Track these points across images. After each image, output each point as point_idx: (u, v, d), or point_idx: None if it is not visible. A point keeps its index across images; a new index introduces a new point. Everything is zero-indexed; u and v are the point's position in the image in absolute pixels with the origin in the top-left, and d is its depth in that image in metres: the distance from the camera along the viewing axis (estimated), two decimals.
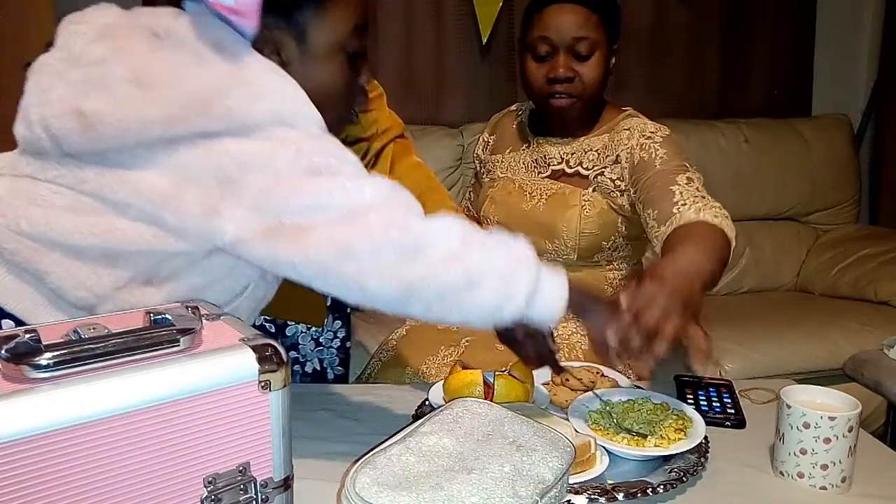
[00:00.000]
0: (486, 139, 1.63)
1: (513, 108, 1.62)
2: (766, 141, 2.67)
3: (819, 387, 0.97)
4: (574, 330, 1.41)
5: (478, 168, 1.65)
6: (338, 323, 1.53)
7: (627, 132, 1.39)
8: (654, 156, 1.32)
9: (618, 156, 1.38)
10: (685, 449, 0.92)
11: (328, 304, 1.49)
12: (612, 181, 1.39)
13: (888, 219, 2.83)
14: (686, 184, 1.24)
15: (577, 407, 1.01)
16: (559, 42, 1.36)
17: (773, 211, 2.70)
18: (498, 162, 1.55)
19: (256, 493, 0.73)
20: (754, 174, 2.64)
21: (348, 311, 1.55)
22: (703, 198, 1.22)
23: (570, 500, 0.82)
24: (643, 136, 1.35)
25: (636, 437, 0.94)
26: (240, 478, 0.72)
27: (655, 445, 0.93)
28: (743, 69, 2.84)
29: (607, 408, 1.00)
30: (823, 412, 0.88)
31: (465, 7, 2.61)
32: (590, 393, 1.05)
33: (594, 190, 1.41)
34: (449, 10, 2.63)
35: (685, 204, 1.20)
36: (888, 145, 2.84)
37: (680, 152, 1.34)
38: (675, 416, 0.97)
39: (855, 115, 2.91)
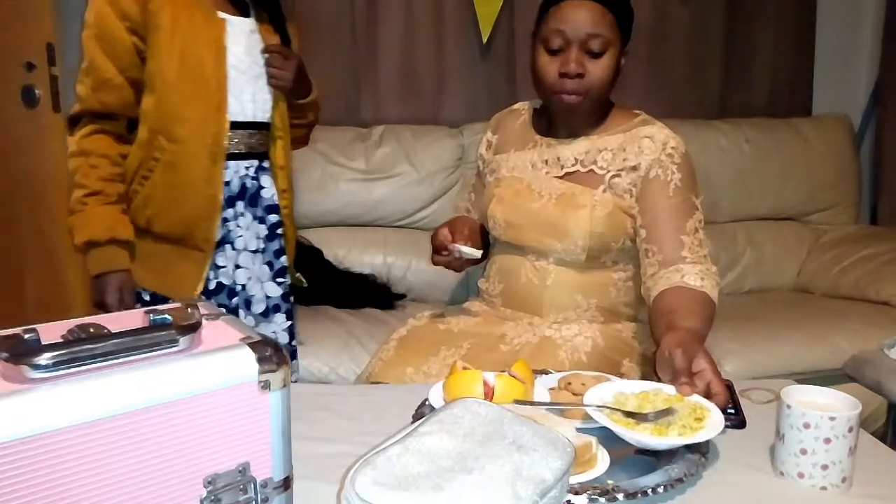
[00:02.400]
0: (489, 138, 1.61)
1: (515, 107, 1.60)
2: (767, 141, 2.67)
3: (819, 387, 0.97)
4: (578, 332, 1.41)
5: (481, 167, 1.63)
6: (249, 319, 1.57)
7: (648, 140, 1.39)
8: (669, 178, 1.37)
9: (638, 164, 1.38)
10: (711, 436, 0.92)
11: (211, 288, 1.50)
12: (626, 185, 1.39)
13: (888, 219, 2.83)
14: (693, 234, 1.35)
15: (590, 398, 1.00)
16: (573, 36, 1.35)
17: (773, 211, 2.70)
18: (503, 161, 1.53)
19: (256, 494, 0.73)
20: (755, 174, 2.64)
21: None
22: (705, 257, 1.35)
23: (569, 501, 0.82)
24: (664, 152, 1.38)
25: (658, 427, 0.93)
26: (239, 478, 0.72)
27: (679, 435, 0.92)
28: (744, 69, 2.84)
29: (622, 399, 1.00)
30: (823, 412, 0.88)
31: (465, 7, 2.61)
32: None
33: (605, 191, 1.40)
34: (449, 9, 2.63)
35: (690, 262, 1.32)
36: (889, 145, 2.84)
37: (692, 176, 1.41)
38: (691, 407, 0.97)
39: (855, 115, 2.91)
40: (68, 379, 0.62)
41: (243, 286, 1.55)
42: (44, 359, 0.62)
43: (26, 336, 0.65)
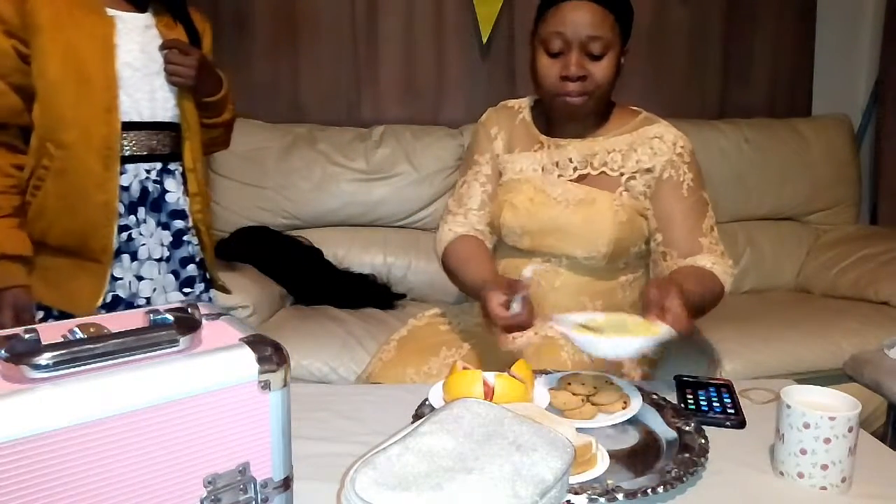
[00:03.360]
0: (503, 137, 1.51)
1: (510, 104, 1.54)
2: (767, 141, 2.66)
3: (819, 387, 0.97)
4: None
5: (494, 165, 1.52)
6: None
7: (658, 141, 1.39)
8: (682, 178, 1.38)
9: (653, 166, 1.38)
10: (656, 341, 1.03)
11: (107, 301, 1.42)
12: (642, 187, 1.39)
13: (888, 219, 2.82)
14: (709, 233, 1.39)
15: (561, 319, 1.11)
16: (573, 39, 1.32)
17: (773, 211, 2.70)
18: (507, 162, 1.48)
19: (256, 494, 0.73)
20: (755, 174, 2.64)
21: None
22: (722, 254, 1.38)
23: (569, 501, 0.82)
24: (675, 152, 1.38)
25: (608, 333, 1.04)
26: (240, 478, 0.72)
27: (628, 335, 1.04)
28: (744, 69, 2.84)
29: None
30: (823, 412, 0.88)
31: (465, 7, 2.61)
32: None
33: (622, 194, 1.38)
34: (449, 9, 2.63)
35: (706, 258, 1.35)
36: (888, 145, 2.84)
37: (700, 172, 1.42)
38: (647, 324, 1.07)
39: (855, 115, 2.91)
40: (68, 379, 0.62)
41: (147, 299, 1.46)
42: (44, 359, 0.62)
43: (26, 336, 0.65)
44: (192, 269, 1.53)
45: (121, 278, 1.43)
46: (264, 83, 2.63)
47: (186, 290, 1.52)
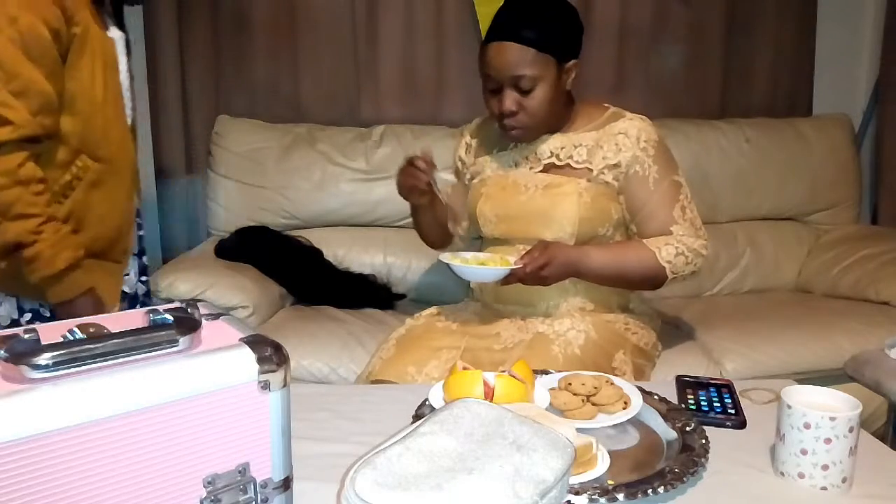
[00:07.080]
0: (467, 142, 1.67)
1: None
2: (767, 141, 2.66)
3: (820, 387, 0.97)
4: (570, 326, 1.42)
5: (459, 168, 1.69)
6: None
7: (623, 136, 1.44)
8: (647, 173, 1.45)
9: (619, 161, 1.44)
10: (503, 271, 1.35)
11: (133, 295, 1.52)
12: (610, 180, 1.45)
13: (889, 219, 2.82)
14: (681, 217, 1.45)
15: (444, 255, 1.43)
16: (501, 79, 1.41)
17: (773, 211, 2.70)
18: (486, 163, 1.58)
19: (256, 494, 0.73)
20: (755, 174, 2.63)
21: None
22: (696, 235, 1.45)
23: (570, 501, 0.82)
24: (639, 146, 1.44)
25: (473, 262, 1.37)
26: (239, 478, 0.72)
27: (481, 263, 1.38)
28: (744, 69, 2.84)
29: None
30: (824, 412, 0.88)
31: (465, 7, 2.61)
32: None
33: (589, 181, 1.46)
34: (449, 9, 2.63)
35: (661, 240, 1.44)
36: (889, 145, 2.83)
37: (668, 158, 1.48)
38: (501, 260, 1.42)
39: (856, 115, 2.91)
40: (68, 379, 0.62)
41: (134, 292, 1.55)
42: (44, 359, 0.62)
43: (26, 336, 0.65)
44: (145, 258, 1.62)
45: (127, 274, 1.51)
46: (264, 83, 2.62)
47: (143, 277, 1.61)
